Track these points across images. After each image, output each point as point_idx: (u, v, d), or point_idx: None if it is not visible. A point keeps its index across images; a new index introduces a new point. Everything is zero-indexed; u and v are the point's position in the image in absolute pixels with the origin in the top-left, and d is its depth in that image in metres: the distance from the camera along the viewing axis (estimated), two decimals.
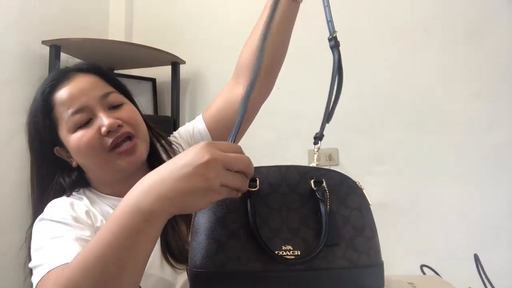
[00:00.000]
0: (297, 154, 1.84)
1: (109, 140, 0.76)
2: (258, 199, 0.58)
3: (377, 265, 0.62)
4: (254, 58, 0.60)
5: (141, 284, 0.76)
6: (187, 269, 0.58)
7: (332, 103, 0.67)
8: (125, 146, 0.78)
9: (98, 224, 0.77)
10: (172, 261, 0.79)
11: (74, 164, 0.82)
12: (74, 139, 0.77)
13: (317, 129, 0.69)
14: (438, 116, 1.69)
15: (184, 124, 2.23)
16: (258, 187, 0.58)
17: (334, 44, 0.68)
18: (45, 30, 1.82)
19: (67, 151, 0.82)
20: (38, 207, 0.82)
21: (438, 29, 1.72)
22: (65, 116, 0.78)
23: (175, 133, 0.99)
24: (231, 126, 0.54)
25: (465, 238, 1.59)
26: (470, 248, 1.19)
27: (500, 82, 1.61)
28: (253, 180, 0.59)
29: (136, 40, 2.23)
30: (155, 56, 2.01)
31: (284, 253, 0.57)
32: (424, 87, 1.72)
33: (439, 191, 1.66)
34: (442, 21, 1.71)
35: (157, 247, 0.80)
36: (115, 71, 2.07)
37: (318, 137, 0.67)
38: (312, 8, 2.09)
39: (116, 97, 0.82)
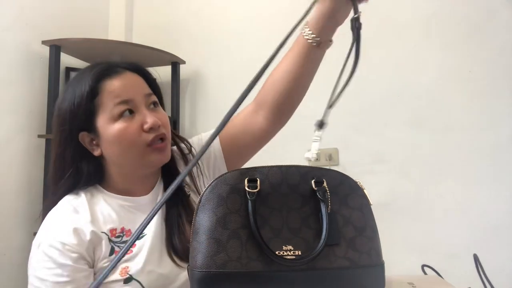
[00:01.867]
0: (297, 154, 1.84)
1: (150, 136, 0.80)
2: (259, 199, 0.58)
3: (378, 265, 0.62)
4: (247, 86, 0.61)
5: (140, 280, 0.77)
6: (188, 269, 0.58)
7: (341, 87, 0.68)
8: (160, 143, 0.82)
9: (88, 238, 0.78)
10: (176, 259, 0.81)
11: (97, 152, 0.83)
12: (116, 129, 0.79)
13: None
14: (439, 116, 1.69)
15: (184, 124, 2.23)
16: (258, 187, 0.59)
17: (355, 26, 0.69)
18: (45, 30, 1.82)
19: (93, 139, 0.82)
20: (52, 190, 0.84)
21: (439, 28, 1.72)
22: (110, 105, 0.80)
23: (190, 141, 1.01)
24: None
25: (466, 237, 1.59)
26: (471, 248, 1.20)
27: (500, 81, 1.61)
28: (253, 181, 0.59)
29: (136, 40, 2.23)
30: (155, 56, 2.01)
31: (285, 253, 0.57)
32: (424, 86, 1.72)
33: (439, 191, 1.66)
34: (443, 20, 1.71)
35: (161, 245, 0.82)
36: None
37: (319, 124, 0.67)
38: (312, 8, 2.08)
39: (156, 99, 0.87)
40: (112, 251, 0.79)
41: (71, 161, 0.82)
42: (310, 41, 0.81)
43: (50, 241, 0.77)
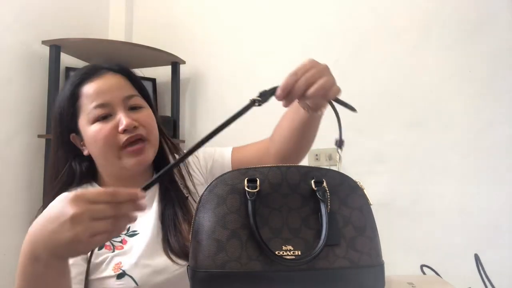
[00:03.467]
0: None
1: (124, 138, 0.81)
2: (259, 199, 0.58)
3: (378, 265, 0.62)
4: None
5: (133, 275, 0.76)
6: (187, 269, 0.58)
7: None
8: (136, 146, 0.82)
9: None
10: (172, 256, 0.81)
11: (85, 152, 0.87)
12: (92, 131, 0.82)
13: None
14: (438, 116, 1.69)
15: (183, 124, 2.23)
16: (258, 187, 0.58)
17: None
18: (45, 30, 1.82)
19: (81, 139, 0.86)
20: (49, 188, 0.88)
21: (438, 29, 1.72)
22: (87, 108, 0.83)
23: (198, 154, 1.01)
24: None
25: (466, 237, 1.59)
26: (471, 248, 1.20)
27: (500, 82, 1.61)
28: (253, 181, 0.59)
29: (136, 40, 2.23)
30: (155, 56, 2.01)
31: (285, 253, 0.57)
32: (424, 86, 1.72)
33: (439, 191, 1.66)
34: (442, 21, 1.71)
35: (157, 244, 0.82)
36: None
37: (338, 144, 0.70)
38: (312, 9, 2.09)
39: (138, 100, 0.87)
40: (102, 245, 0.79)
41: (64, 160, 0.87)
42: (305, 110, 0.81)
43: None
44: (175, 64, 2.08)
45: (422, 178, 1.69)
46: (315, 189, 0.60)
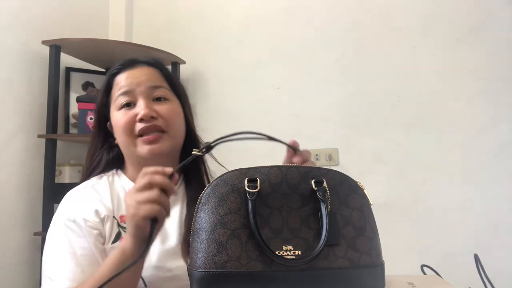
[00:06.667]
0: None
1: (140, 126, 0.83)
2: (259, 199, 0.58)
3: (378, 265, 0.62)
4: None
5: (144, 276, 0.77)
6: (188, 269, 0.58)
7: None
8: (150, 135, 0.84)
9: (102, 217, 0.82)
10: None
11: (116, 141, 0.90)
12: (116, 117, 0.86)
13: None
14: (438, 116, 1.69)
15: None
16: (258, 187, 0.58)
17: None
18: (45, 30, 1.82)
19: (112, 127, 0.90)
20: (86, 174, 0.92)
21: (438, 29, 1.72)
22: (115, 96, 0.87)
23: None
24: None
25: (466, 237, 1.59)
26: (470, 247, 1.20)
27: (500, 82, 1.61)
28: (253, 181, 0.59)
29: (136, 40, 2.23)
30: (155, 56, 1.99)
31: (285, 253, 0.57)
32: (424, 86, 1.72)
33: (439, 191, 1.66)
34: (442, 21, 1.71)
35: (177, 245, 0.83)
36: None
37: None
38: (312, 8, 2.09)
39: (164, 92, 0.89)
40: (118, 237, 0.81)
41: (100, 145, 0.93)
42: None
43: (73, 216, 0.80)
44: (175, 64, 2.08)
45: (422, 178, 1.69)
46: (315, 189, 0.60)
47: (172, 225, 0.86)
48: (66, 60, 1.89)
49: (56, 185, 1.72)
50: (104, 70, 2.05)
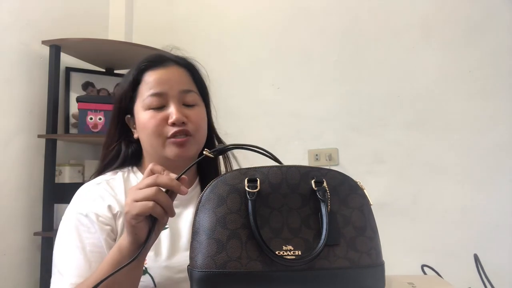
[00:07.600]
0: (297, 154, 1.85)
1: (171, 130, 0.84)
2: (259, 199, 0.58)
3: (378, 265, 0.62)
4: None
5: (153, 274, 0.77)
6: (188, 269, 0.58)
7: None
8: (180, 138, 0.85)
9: (115, 213, 0.83)
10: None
11: (135, 136, 0.91)
12: (144, 116, 0.86)
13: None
14: (438, 116, 1.69)
15: None
16: (258, 187, 0.58)
17: None
18: (45, 30, 1.82)
19: (134, 123, 0.91)
20: (102, 165, 0.93)
21: (438, 28, 1.72)
22: (144, 94, 0.87)
23: None
24: None
25: (466, 237, 1.59)
26: (470, 247, 1.20)
27: (500, 82, 1.61)
28: (253, 181, 0.59)
29: (136, 40, 2.23)
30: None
31: (285, 253, 0.57)
32: (424, 86, 1.72)
33: (439, 191, 1.66)
34: (442, 20, 1.72)
35: (187, 244, 0.83)
36: (115, 71, 2.07)
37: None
38: (312, 8, 2.09)
39: (194, 97, 0.90)
40: None
41: (117, 138, 0.93)
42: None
43: (86, 210, 0.81)
44: None
45: (422, 178, 1.69)
46: (315, 189, 0.60)
47: (185, 226, 0.86)
48: (66, 60, 1.89)
49: (56, 185, 1.72)
50: (104, 70, 2.05)
